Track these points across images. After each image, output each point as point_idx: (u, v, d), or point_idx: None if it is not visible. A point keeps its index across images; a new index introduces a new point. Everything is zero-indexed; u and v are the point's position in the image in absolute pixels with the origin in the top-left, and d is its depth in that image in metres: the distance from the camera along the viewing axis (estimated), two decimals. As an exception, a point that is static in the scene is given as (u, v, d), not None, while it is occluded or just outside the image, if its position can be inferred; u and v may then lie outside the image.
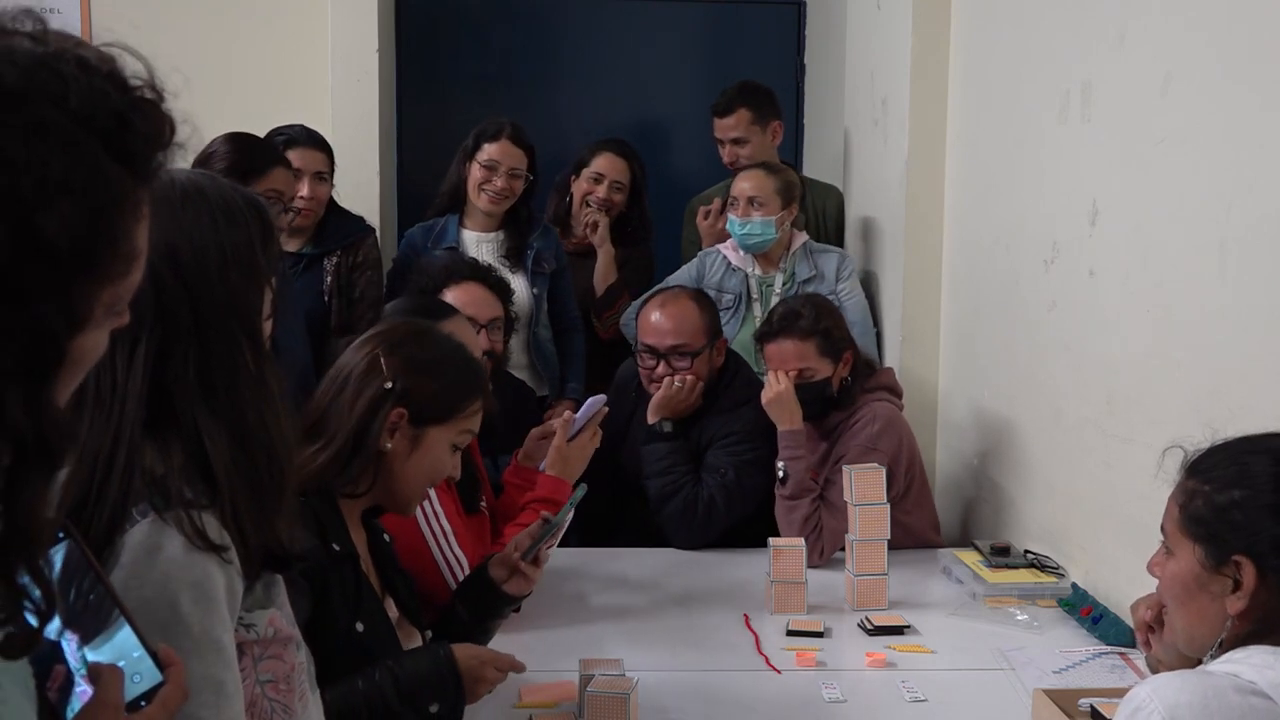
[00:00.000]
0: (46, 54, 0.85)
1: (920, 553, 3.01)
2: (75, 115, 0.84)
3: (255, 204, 1.36)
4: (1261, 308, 2.07)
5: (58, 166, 0.82)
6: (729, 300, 3.70)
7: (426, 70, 4.88)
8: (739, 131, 3.99)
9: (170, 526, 1.20)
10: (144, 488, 1.21)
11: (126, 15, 4.11)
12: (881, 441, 3.03)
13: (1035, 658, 2.38)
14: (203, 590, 1.20)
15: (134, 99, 0.90)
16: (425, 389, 1.95)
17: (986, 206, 3.40)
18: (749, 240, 3.66)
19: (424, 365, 1.98)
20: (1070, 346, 2.82)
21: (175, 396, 1.24)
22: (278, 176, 3.12)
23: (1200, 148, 2.26)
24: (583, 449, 2.70)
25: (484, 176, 3.61)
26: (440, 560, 2.40)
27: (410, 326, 2.10)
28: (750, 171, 3.73)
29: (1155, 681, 1.38)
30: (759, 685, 2.29)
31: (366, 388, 1.93)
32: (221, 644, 1.21)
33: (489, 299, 3.10)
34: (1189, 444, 1.54)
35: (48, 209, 0.82)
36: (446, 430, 1.98)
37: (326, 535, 1.84)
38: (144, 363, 1.23)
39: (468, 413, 2.01)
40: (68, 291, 0.84)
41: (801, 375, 3.07)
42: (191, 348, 1.25)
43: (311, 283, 3.50)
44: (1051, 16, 2.94)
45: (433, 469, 1.98)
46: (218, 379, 1.26)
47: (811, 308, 3.15)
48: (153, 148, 0.91)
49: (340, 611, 1.82)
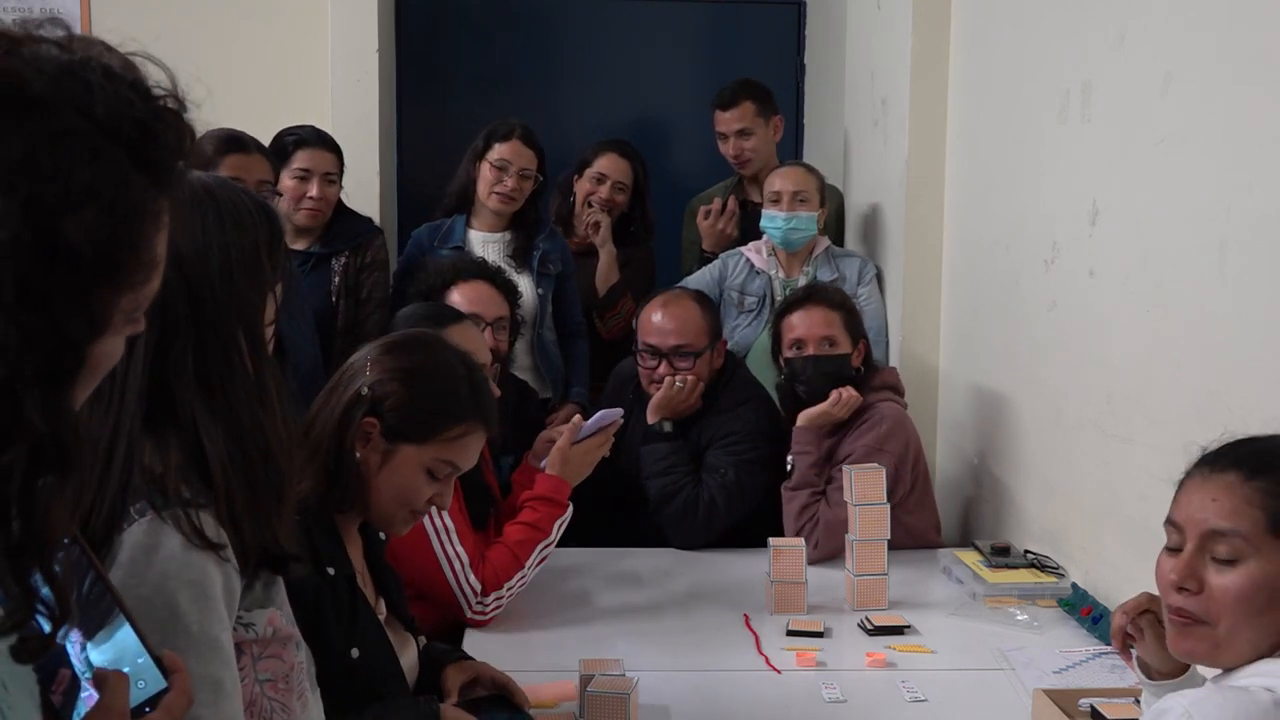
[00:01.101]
0: (73, 62, 0.86)
1: (920, 553, 3.01)
2: (101, 124, 0.85)
3: (265, 209, 1.37)
4: (1261, 308, 2.07)
5: (83, 174, 0.83)
6: (752, 303, 3.71)
7: (426, 70, 4.88)
8: (744, 123, 4.00)
9: (168, 525, 1.20)
10: (143, 486, 1.21)
11: (127, 15, 4.11)
12: (889, 443, 3.03)
13: (1035, 658, 2.38)
14: (201, 589, 1.20)
15: (157, 108, 0.90)
16: (398, 400, 1.85)
17: (986, 206, 3.40)
18: (794, 235, 3.67)
19: (402, 374, 1.88)
20: (1070, 346, 2.82)
21: (174, 392, 1.25)
22: (233, 163, 2.97)
23: (1200, 148, 2.26)
24: (587, 453, 2.68)
25: (495, 177, 3.62)
26: (440, 554, 2.40)
27: (413, 335, 2.03)
28: (791, 169, 3.76)
29: (1191, 697, 1.31)
30: (759, 685, 2.29)
31: (348, 391, 1.87)
32: (219, 643, 1.21)
33: (495, 298, 3.11)
34: (1201, 444, 1.49)
35: (72, 216, 0.82)
36: (420, 452, 1.86)
37: (320, 558, 1.77)
38: (143, 356, 1.23)
39: (446, 437, 1.87)
40: (89, 298, 0.85)
41: (825, 346, 3.07)
42: (190, 344, 1.26)
43: (319, 283, 3.50)
44: (1051, 16, 2.94)
45: (402, 492, 1.86)
46: (214, 377, 1.27)
47: (836, 290, 3.25)
48: (174, 157, 0.92)
49: (335, 637, 1.76)
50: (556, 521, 2.59)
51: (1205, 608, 1.40)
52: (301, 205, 3.44)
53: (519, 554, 2.51)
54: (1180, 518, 1.44)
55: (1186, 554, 1.42)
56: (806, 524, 2.98)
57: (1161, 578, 1.46)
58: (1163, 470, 1.77)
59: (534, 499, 2.60)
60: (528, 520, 2.56)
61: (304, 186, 3.43)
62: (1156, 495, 1.59)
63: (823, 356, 3.07)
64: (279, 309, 1.38)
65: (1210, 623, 1.40)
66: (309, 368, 3.18)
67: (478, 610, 2.46)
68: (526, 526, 2.55)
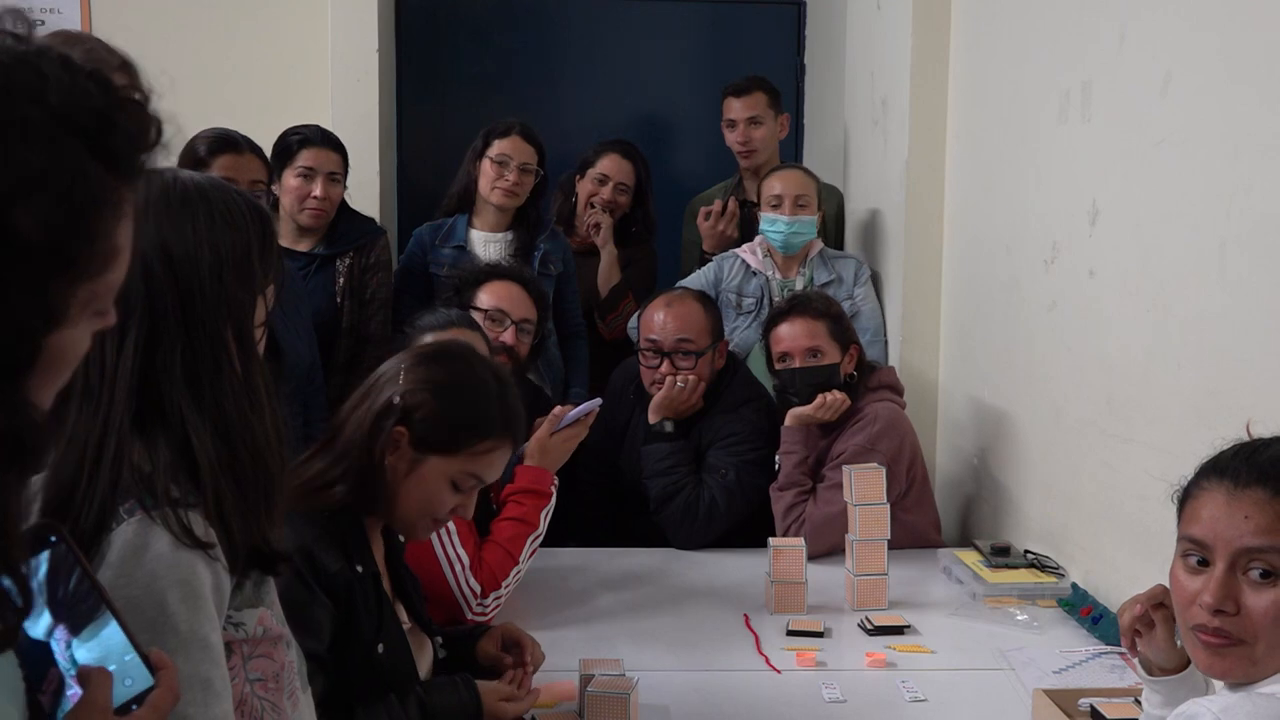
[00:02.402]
0: (27, 52, 0.86)
1: (920, 553, 3.01)
2: (55, 112, 0.84)
3: (257, 210, 1.37)
4: (1261, 308, 2.07)
5: (35, 163, 0.83)
6: (749, 304, 3.71)
7: (426, 70, 4.88)
8: (757, 111, 4.02)
9: (158, 525, 1.20)
10: (133, 485, 1.21)
11: (127, 15, 4.12)
12: (881, 442, 3.03)
13: (1035, 658, 2.38)
14: (190, 588, 1.20)
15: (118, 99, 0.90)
16: (428, 411, 1.87)
17: (986, 206, 3.40)
18: (796, 239, 3.68)
19: (435, 386, 1.89)
20: (1070, 346, 2.82)
21: (162, 390, 1.25)
22: (226, 163, 2.95)
23: (1200, 148, 2.26)
24: (565, 441, 2.68)
25: (496, 173, 3.62)
26: (442, 556, 2.41)
27: (448, 347, 2.03)
28: (791, 172, 3.77)
29: (1221, 703, 1.29)
30: (759, 685, 2.29)
31: (380, 398, 1.89)
32: (209, 642, 1.21)
33: (525, 299, 3.15)
34: (1199, 446, 1.47)
35: (23, 204, 0.82)
36: (447, 464, 1.88)
37: (350, 555, 1.81)
38: (133, 351, 1.24)
39: (474, 451, 1.89)
40: (44, 288, 0.84)
41: (811, 357, 3.07)
42: (178, 343, 1.26)
43: (324, 283, 3.50)
44: (1051, 16, 2.94)
45: (426, 501, 1.89)
46: (203, 376, 1.27)
47: (821, 298, 3.22)
48: (137, 148, 0.91)
49: (365, 632, 1.80)
50: (542, 512, 2.59)
51: (1242, 627, 1.36)
52: (306, 205, 3.44)
53: (512, 550, 2.52)
54: (1205, 535, 1.38)
55: (1220, 574, 1.37)
56: (793, 523, 2.99)
57: (1187, 596, 1.40)
58: (1162, 470, 1.77)
59: (518, 493, 2.60)
60: (515, 515, 2.56)
61: (308, 185, 3.43)
62: (1156, 495, 1.58)
63: (809, 368, 3.08)
64: (271, 310, 1.38)
65: (1248, 641, 1.35)
66: (305, 369, 3.18)
67: (478, 611, 2.46)
68: (515, 522, 2.56)
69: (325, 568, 1.77)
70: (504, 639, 2.12)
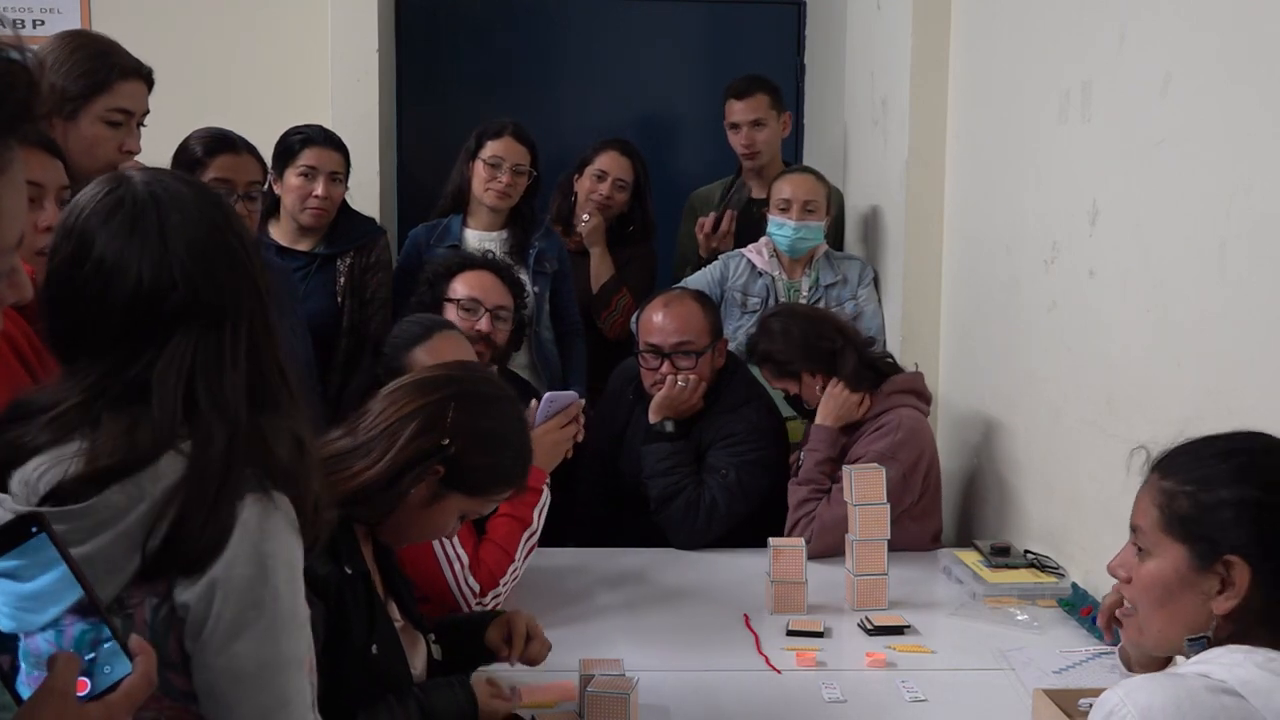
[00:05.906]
0: None
1: (920, 553, 3.01)
2: None
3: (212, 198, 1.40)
4: (1261, 308, 2.07)
5: None
6: (755, 304, 3.72)
7: (426, 70, 4.88)
8: (759, 113, 4.02)
9: (276, 508, 1.26)
10: (253, 470, 1.26)
11: (127, 15, 4.12)
12: (902, 452, 3.02)
13: (1035, 658, 2.38)
14: (293, 570, 1.27)
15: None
16: (475, 461, 1.91)
17: (986, 206, 3.40)
18: (802, 244, 3.70)
19: (484, 438, 1.93)
20: (1070, 347, 2.82)
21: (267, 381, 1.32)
22: (223, 163, 2.91)
23: (1200, 148, 2.26)
24: (548, 433, 2.64)
25: (489, 174, 3.63)
26: (441, 556, 2.41)
27: (494, 394, 2.02)
28: (801, 177, 3.78)
29: (1127, 685, 1.37)
30: (759, 685, 2.29)
31: (424, 434, 1.88)
32: (305, 623, 1.28)
33: (497, 286, 3.15)
34: (1154, 444, 1.58)
35: None
36: (467, 502, 1.95)
37: (339, 557, 1.82)
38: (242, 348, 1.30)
39: (495, 496, 2.00)
40: None
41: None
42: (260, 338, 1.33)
43: (325, 283, 3.51)
44: (1051, 16, 2.94)
45: (433, 527, 1.96)
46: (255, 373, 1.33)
47: (761, 332, 3.21)
48: (19, 107, 0.90)
49: (357, 633, 1.81)
50: (536, 509, 2.59)
51: (1131, 595, 1.54)
52: (307, 205, 3.44)
53: (508, 548, 2.52)
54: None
55: (1125, 546, 1.57)
56: (802, 519, 2.99)
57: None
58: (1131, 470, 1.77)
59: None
60: (509, 513, 2.56)
61: (310, 185, 3.43)
62: (1156, 495, 1.59)
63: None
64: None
65: (1135, 610, 1.53)
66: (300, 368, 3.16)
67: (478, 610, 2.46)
68: (510, 519, 2.55)
69: (315, 571, 1.76)
70: (509, 628, 2.14)
